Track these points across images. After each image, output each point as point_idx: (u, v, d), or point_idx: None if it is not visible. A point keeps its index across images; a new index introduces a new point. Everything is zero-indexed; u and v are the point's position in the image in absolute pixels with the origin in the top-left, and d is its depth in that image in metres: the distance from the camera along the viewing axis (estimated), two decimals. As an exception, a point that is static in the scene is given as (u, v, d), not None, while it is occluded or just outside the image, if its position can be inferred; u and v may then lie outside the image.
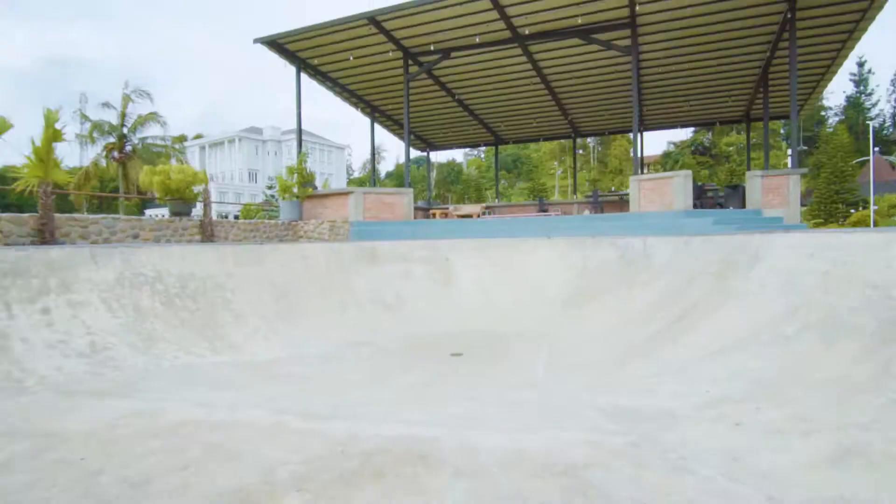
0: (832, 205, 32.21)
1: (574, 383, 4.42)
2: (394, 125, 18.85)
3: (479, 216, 15.61)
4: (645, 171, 51.72)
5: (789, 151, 10.23)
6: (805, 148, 40.73)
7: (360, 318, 8.83)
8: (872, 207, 23.48)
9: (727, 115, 17.11)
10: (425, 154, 21.74)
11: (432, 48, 12.01)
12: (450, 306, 9.55)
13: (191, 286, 6.97)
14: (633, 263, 8.91)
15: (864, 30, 10.76)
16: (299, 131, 13.28)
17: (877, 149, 46.53)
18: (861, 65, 53.06)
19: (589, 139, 49.10)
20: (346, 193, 11.77)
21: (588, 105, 16.29)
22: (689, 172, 9.72)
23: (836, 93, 51.99)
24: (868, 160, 39.95)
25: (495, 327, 8.62)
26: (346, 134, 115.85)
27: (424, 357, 6.64)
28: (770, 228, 8.85)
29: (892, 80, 56.30)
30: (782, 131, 42.53)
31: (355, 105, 16.76)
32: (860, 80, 53.61)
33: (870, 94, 53.90)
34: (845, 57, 12.17)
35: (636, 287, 8.40)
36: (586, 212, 15.82)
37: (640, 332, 6.45)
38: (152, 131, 31.10)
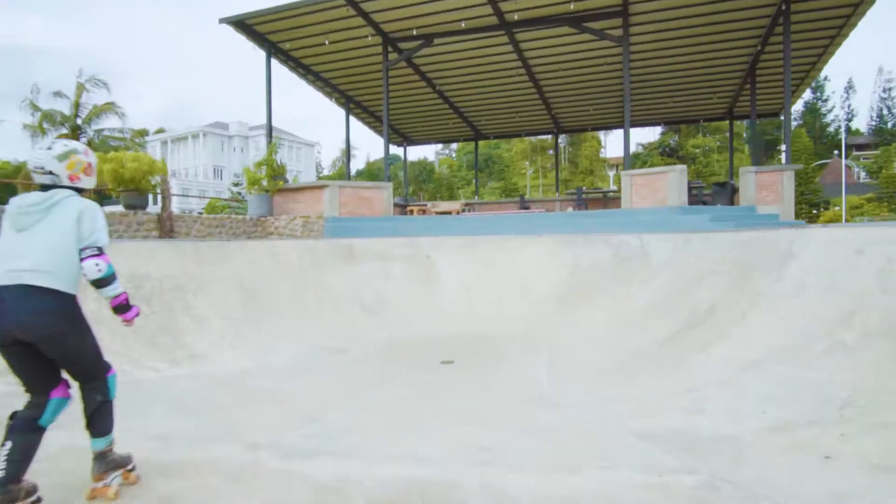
0: (796, 205, 32.95)
1: (596, 398, 3.85)
2: (369, 118, 18.01)
3: (458, 213, 15.01)
4: (613, 172, 52.70)
5: (783, 147, 9.96)
6: (786, 147, 41.76)
7: (336, 319, 8.13)
8: (844, 206, 24.12)
9: (711, 111, 17.01)
10: (397, 152, 21.01)
11: (414, 33, 11.31)
12: (434, 307, 8.93)
13: (146, 287, 6.13)
14: (629, 261, 8.47)
15: (854, 25, 10.66)
16: (269, 120, 12.37)
17: (836, 152, 48.15)
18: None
19: (560, 139, 49.35)
20: (321, 187, 10.96)
21: (572, 99, 15.86)
22: (685, 168, 9.37)
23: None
24: (828, 163, 41.27)
25: (484, 329, 8.03)
26: (316, 131, 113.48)
27: (410, 365, 6.01)
28: (768, 226, 8.56)
29: (845, 88, 58.37)
30: (745, 135, 43.65)
31: (329, 95, 15.87)
32: (816, 87, 55.33)
33: (826, 101, 55.67)
34: (832, 54, 12.09)
35: (633, 286, 7.94)
36: (570, 209, 15.42)
37: (649, 336, 5.97)
38: (110, 123, 29.23)
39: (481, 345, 7.23)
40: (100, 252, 2.13)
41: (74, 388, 2.28)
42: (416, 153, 66.98)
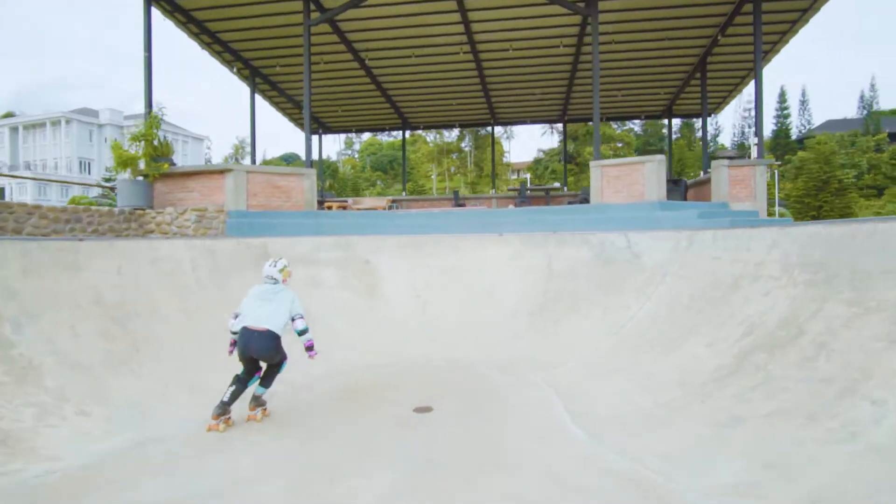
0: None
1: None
2: (280, 98, 15.41)
3: (386, 210, 13.21)
4: (516, 176, 54.48)
5: (755, 141, 9.41)
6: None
7: None
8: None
9: (652, 108, 16.71)
10: (297, 150, 18.50)
11: (346, -17, 9.31)
12: (381, 326, 7.17)
13: (-80, 316, 3.69)
14: (616, 264, 7.27)
15: (806, 21, 10.55)
16: (149, 84, 9.49)
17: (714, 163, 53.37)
18: (691, 88, 60.10)
19: (464, 143, 50.22)
20: (222, 172, 8.57)
21: (514, 87, 14.56)
22: (663, 157, 8.40)
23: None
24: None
25: (451, 353, 6.37)
26: (205, 126, 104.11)
27: (374, 418, 4.21)
28: (757, 223, 7.79)
29: (717, 104, 65.02)
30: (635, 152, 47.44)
31: (230, 65, 13.15)
32: (690, 103, 61.06)
33: (698, 117, 61.29)
34: (777, 52, 12.01)
35: (628, 294, 6.73)
36: (510, 206, 14.22)
37: (686, 362, 4.69)
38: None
39: (456, 377, 5.54)
40: (302, 316, 4.15)
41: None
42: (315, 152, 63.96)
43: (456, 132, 51.83)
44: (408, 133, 19.25)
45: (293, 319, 4.09)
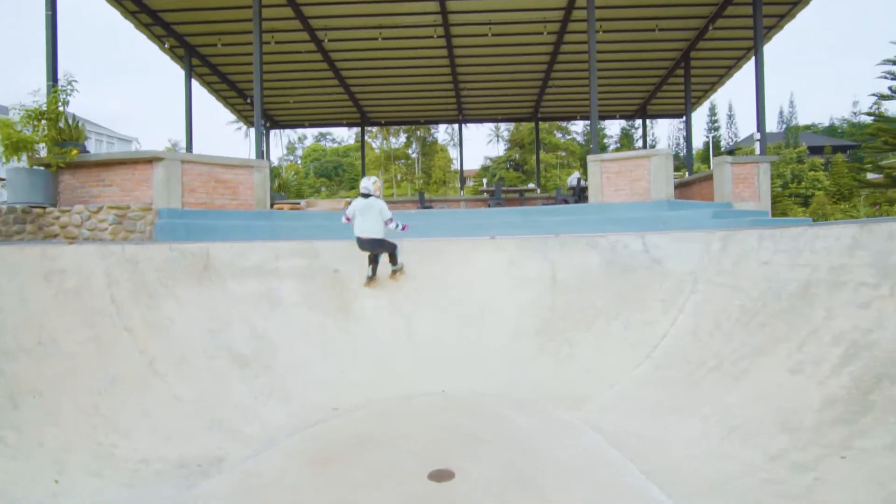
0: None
1: None
2: (221, 83, 13.59)
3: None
4: (464, 184, 54.72)
5: (757, 135, 8.78)
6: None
7: (187, 391, 4.66)
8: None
9: (626, 108, 16.13)
10: (240, 150, 16.72)
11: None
12: (357, 353, 5.84)
13: None
14: (632, 271, 6.31)
15: (793, 16, 10.23)
16: (53, 47, 7.49)
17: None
18: (629, 100, 62.04)
19: (411, 149, 50.42)
20: (150, 160, 6.91)
21: (488, 80, 13.52)
22: (670, 152, 7.60)
23: (613, 125, 60.18)
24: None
25: (456, 387, 5.13)
26: (134, 128, 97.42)
27: (368, 495, 2.93)
28: (775, 223, 7.10)
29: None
30: (563, 153, 48.62)
31: (161, 42, 11.25)
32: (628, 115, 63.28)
33: (637, 128, 63.74)
34: (753, 51, 11.71)
35: (653, 306, 5.77)
36: (482, 209, 13.17)
37: (759, 392, 3.78)
38: None
39: (469, 422, 4.30)
40: (392, 219, 5.78)
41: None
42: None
43: (403, 138, 51.39)
44: (366, 132, 17.92)
45: (386, 222, 5.74)
